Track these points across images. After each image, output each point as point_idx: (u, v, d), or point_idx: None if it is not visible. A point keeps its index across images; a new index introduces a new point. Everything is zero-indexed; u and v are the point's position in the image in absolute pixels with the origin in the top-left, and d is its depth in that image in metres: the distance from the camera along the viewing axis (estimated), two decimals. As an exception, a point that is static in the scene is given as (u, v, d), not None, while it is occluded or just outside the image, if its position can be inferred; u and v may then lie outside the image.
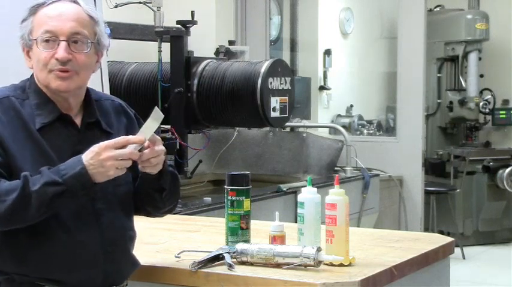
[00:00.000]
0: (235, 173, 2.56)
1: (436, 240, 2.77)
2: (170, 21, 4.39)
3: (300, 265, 2.26)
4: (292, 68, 7.09)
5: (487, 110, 8.15)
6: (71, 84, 2.10)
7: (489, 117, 8.25)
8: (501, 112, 8.20)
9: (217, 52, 4.89)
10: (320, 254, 2.27)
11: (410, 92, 6.38)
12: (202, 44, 5.04)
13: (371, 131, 7.90)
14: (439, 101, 8.26)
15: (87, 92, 2.20)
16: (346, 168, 5.75)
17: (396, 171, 6.32)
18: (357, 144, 6.01)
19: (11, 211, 1.97)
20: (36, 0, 2.12)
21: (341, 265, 2.30)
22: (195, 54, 4.41)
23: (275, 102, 4.17)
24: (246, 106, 4.14)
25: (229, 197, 2.52)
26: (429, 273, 2.60)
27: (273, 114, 4.16)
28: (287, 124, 5.30)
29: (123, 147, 2.01)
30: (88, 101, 2.20)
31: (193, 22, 4.33)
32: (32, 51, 2.11)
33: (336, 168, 5.79)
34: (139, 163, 2.07)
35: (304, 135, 5.79)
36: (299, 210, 2.44)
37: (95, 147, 2.00)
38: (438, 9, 8.36)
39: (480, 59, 8.10)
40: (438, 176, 7.88)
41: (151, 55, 4.69)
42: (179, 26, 4.36)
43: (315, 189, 2.45)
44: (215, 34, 6.05)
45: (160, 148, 2.08)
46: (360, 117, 8.13)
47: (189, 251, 2.48)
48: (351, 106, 8.32)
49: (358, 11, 8.55)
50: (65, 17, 2.10)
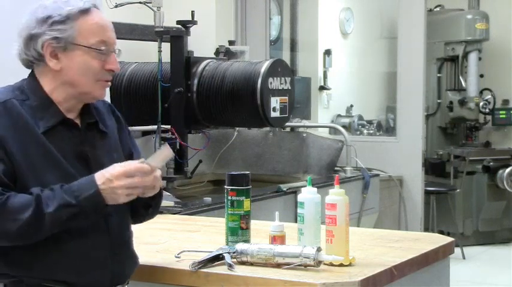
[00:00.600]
0: (235, 173, 2.56)
1: (436, 240, 2.77)
2: (170, 21, 4.39)
3: (300, 265, 2.26)
4: (292, 68, 7.09)
5: (487, 110, 8.15)
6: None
7: (489, 117, 8.25)
8: (501, 112, 8.20)
9: (217, 52, 4.88)
10: (320, 254, 2.27)
11: (410, 92, 6.38)
12: (202, 44, 5.03)
13: (371, 131, 7.90)
14: (439, 101, 8.26)
15: None
16: (346, 168, 5.74)
17: (396, 171, 6.31)
18: (357, 144, 6.01)
19: (24, 231, 1.98)
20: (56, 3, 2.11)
21: (341, 265, 2.30)
22: (195, 54, 4.40)
23: (275, 102, 4.17)
24: (246, 106, 4.13)
25: (229, 197, 2.52)
26: (429, 273, 2.60)
27: (273, 114, 4.16)
28: (287, 124, 5.30)
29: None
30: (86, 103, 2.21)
31: (193, 22, 4.33)
32: (68, 54, 2.10)
33: (336, 168, 5.79)
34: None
35: (304, 135, 5.79)
36: (299, 210, 2.44)
37: (108, 173, 2.02)
38: (438, 9, 8.36)
39: (480, 59, 8.10)
40: (438, 176, 7.88)
41: (151, 55, 4.69)
42: (179, 26, 4.36)
43: (315, 189, 2.45)
44: (215, 34, 6.05)
45: (160, 173, 2.13)
46: (360, 117, 8.13)
47: (189, 251, 2.48)
48: (351, 106, 8.32)
49: (358, 11, 8.55)
50: (111, 28, 2.16)
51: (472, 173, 7.75)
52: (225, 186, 2.53)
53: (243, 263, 2.33)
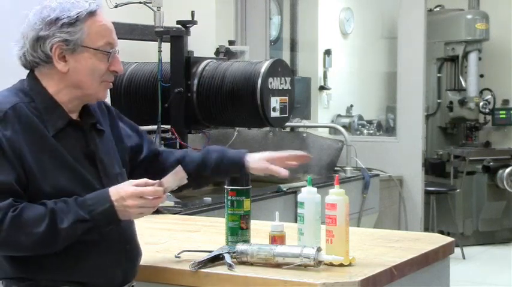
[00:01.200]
0: (235, 173, 2.56)
1: (436, 240, 2.77)
2: (170, 21, 4.39)
3: (300, 265, 2.26)
4: (292, 68, 7.09)
5: (487, 110, 8.15)
6: None
7: (489, 117, 8.25)
8: (501, 112, 8.20)
9: (217, 52, 4.88)
10: (320, 254, 2.27)
11: (410, 92, 6.38)
12: (202, 44, 5.03)
13: (371, 131, 7.90)
14: (439, 101, 8.26)
15: None
16: (346, 168, 5.74)
17: (396, 171, 6.31)
18: (357, 144, 6.01)
19: (37, 245, 2.00)
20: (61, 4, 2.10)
21: (341, 265, 2.30)
22: (195, 54, 4.40)
23: (275, 102, 4.17)
24: (246, 106, 4.13)
25: (229, 197, 2.52)
26: (429, 273, 2.60)
27: (273, 114, 4.16)
28: (287, 124, 5.30)
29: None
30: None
31: (193, 22, 4.33)
32: (76, 57, 2.10)
33: (336, 168, 5.79)
34: None
35: (304, 135, 5.79)
36: (299, 210, 2.44)
37: (122, 190, 2.04)
38: (438, 9, 8.36)
39: (480, 59, 8.10)
40: (438, 176, 7.88)
41: (151, 55, 4.69)
42: (179, 26, 4.36)
43: (315, 189, 2.45)
44: (215, 34, 6.05)
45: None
46: (360, 117, 8.13)
47: (189, 251, 2.48)
48: (351, 106, 8.32)
49: (358, 11, 8.55)
50: (113, 29, 2.17)
51: (472, 173, 7.75)
52: (225, 186, 2.53)
53: (243, 263, 2.33)
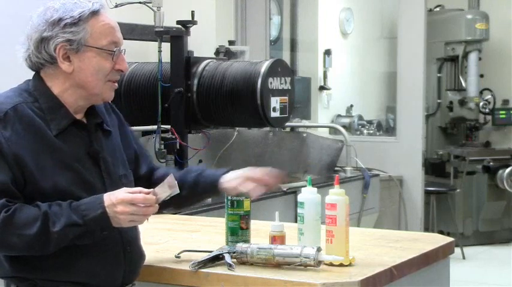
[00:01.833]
0: (235, 173, 2.56)
1: (436, 240, 2.77)
2: (170, 21, 4.38)
3: (300, 265, 2.26)
4: (292, 68, 7.09)
5: (487, 110, 8.15)
6: None
7: (489, 117, 8.25)
8: (501, 112, 8.20)
9: (217, 52, 4.88)
10: (320, 254, 2.27)
11: (410, 92, 6.38)
12: (202, 44, 5.03)
13: (371, 131, 7.90)
14: (439, 101, 8.26)
15: None
16: (346, 168, 5.74)
17: (396, 171, 6.32)
18: (357, 144, 6.01)
19: (29, 247, 2.00)
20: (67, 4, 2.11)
21: (341, 265, 2.30)
22: (195, 54, 4.40)
23: (275, 102, 4.17)
24: (246, 106, 4.13)
25: (229, 197, 2.52)
26: (429, 273, 2.60)
27: (273, 114, 4.16)
28: (287, 124, 5.30)
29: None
30: None
31: (193, 22, 4.32)
32: (80, 56, 2.10)
33: (336, 168, 5.79)
34: None
35: (304, 135, 5.79)
36: (299, 210, 2.44)
37: (114, 197, 2.04)
38: (438, 9, 8.36)
39: (480, 59, 8.09)
40: (438, 176, 7.88)
41: (151, 55, 4.69)
42: (179, 26, 4.36)
43: (315, 189, 2.45)
44: (215, 34, 6.05)
45: None
46: (360, 117, 8.13)
47: (189, 251, 2.48)
48: (351, 106, 8.31)
49: (358, 11, 8.54)
50: (118, 28, 2.17)
51: (472, 173, 7.74)
52: (225, 186, 2.53)
53: (243, 263, 2.33)
